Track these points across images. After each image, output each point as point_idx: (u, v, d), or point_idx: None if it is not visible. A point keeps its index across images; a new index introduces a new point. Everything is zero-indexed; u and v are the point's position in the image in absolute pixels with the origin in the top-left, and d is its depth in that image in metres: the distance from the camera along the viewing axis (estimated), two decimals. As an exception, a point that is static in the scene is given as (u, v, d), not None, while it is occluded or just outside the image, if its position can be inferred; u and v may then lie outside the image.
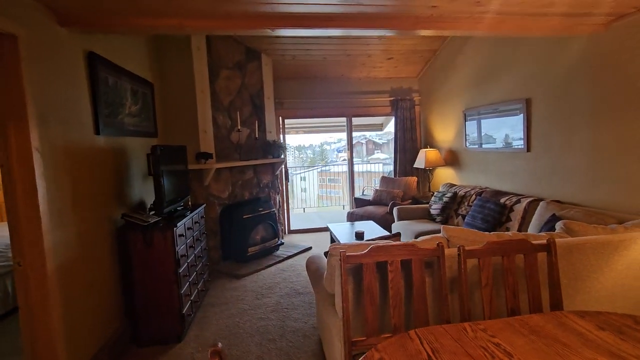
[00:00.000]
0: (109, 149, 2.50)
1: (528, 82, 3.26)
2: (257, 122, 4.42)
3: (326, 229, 5.69)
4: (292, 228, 5.58)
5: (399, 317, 1.55)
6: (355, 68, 5.06)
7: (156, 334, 2.48)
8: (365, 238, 3.41)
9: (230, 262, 4.10)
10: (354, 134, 5.89)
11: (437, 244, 1.60)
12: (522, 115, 3.34)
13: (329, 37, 4.20)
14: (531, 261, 1.58)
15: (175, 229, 2.48)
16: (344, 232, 3.70)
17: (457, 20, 2.30)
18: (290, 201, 5.58)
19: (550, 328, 1.18)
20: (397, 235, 2.12)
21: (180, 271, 2.53)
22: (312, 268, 2.37)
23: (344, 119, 6.51)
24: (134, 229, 2.42)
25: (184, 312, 2.55)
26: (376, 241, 1.93)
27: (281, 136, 5.28)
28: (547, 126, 3.09)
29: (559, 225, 2.14)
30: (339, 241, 3.41)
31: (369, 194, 5.92)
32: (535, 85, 3.19)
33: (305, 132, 8.33)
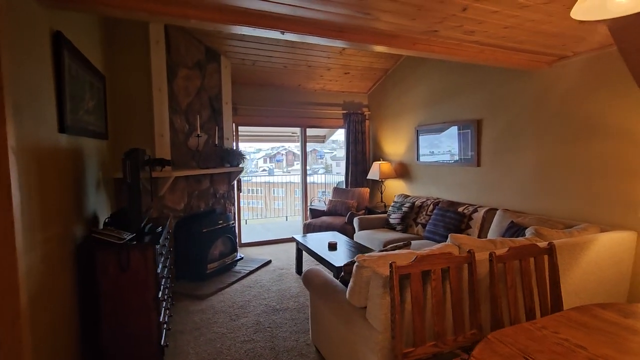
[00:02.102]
0: (70, 151, 2.04)
1: (479, 105, 3.74)
2: (216, 127, 4.12)
3: (278, 241, 5.54)
4: (243, 241, 5.28)
5: (441, 324, 1.60)
6: (313, 79, 5.12)
7: (130, 374, 2.07)
8: (339, 248, 3.42)
9: (186, 281, 3.68)
10: (275, 144, 5.92)
11: (468, 251, 1.71)
12: (473, 134, 3.80)
13: (293, 46, 4.18)
14: (540, 263, 1.80)
15: (156, 246, 2.13)
16: (314, 244, 3.64)
17: (445, 44, 2.53)
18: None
19: (590, 320, 1.36)
20: (408, 245, 2.19)
21: (160, 296, 2.18)
22: (317, 282, 2.28)
23: (292, 128, 6.51)
24: (104, 249, 2.00)
25: (162, 343, 2.19)
26: (397, 251, 1.96)
27: (233, 144, 4.99)
28: (496, 145, 3.58)
29: (529, 230, 2.48)
30: (315, 252, 3.35)
31: (318, 205, 5.97)
32: (485, 108, 3.67)
33: (252, 141, 8.00)
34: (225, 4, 1.85)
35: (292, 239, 5.56)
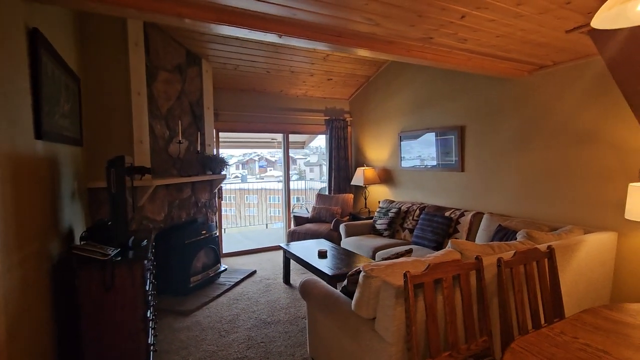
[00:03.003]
0: (47, 159, 1.85)
1: (462, 112, 3.84)
2: (198, 133, 3.95)
3: (261, 250, 5.39)
4: (224, 251, 5.08)
5: (454, 333, 1.57)
6: (296, 85, 5.06)
7: (115, 404, 1.88)
8: (329, 256, 3.35)
9: (168, 296, 3.46)
10: (248, 150, 5.83)
11: (476, 258, 1.71)
12: (457, 140, 3.89)
13: (276, 51, 4.11)
14: (542, 267, 1.83)
15: (145, 262, 1.97)
16: (303, 252, 3.55)
17: (437, 52, 2.57)
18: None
19: (603, 323, 1.39)
20: (410, 252, 2.17)
21: (149, 315, 2.01)
22: (316, 293, 2.20)
23: (270, 134, 6.42)
24: (86, 267, 1.82)
25: (151, 367, 2.02)
26: (400, 259, 1.93)
27: (214, 150, 4.82)
28: (479, 150, 3.68)
29: (521, 234, 2.54)
30: (306, 261, 3.26)
31: (300, 211, 5.88)
32: (468, 115, 3.77)
33: (230, 147, 7.79)
34: (220, 4, 1.76)
35: (275, 248, 5.45)
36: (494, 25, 2.04)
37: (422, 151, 4.40)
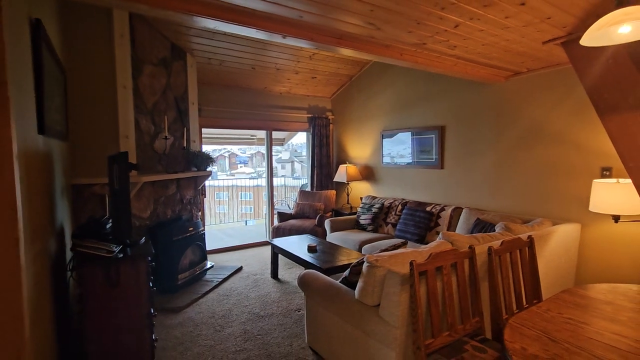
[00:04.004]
0: (46, 155, 1.80)
1: (443, 113, 4.06)
2: (184, 129, 3.89)
3: (244, 247, 5.39)
4: (207, 248, 5.02)
5: (452, 315, 1.73)
6: (280, 82, 5.09)
7: (121, 400, 1.88)
8: (318, 251, 3.45)
9: (156, 293, 3.40)
10: (216, 147, 5.80)
11: (469, 247, 1.88)
12: (437, 139, 4.11)
13: (264, 48, 4.13)
14: (523, 254, 2.04)
15: (149, 258, 1.97)
16: (293, 247, 3.63)
17: (428, 56, 2.73)
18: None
19: (580, 300, 1.59)
20: (405, 244, 2.31)
21: (153, 311, 2.01)
22: (317, 285, 2.29)
23: (250, 131, 6.40)
24: (90, 264, 1.80)
25: (154, 363, 2.03)
26: (399, 250, 2.07)
27: (199, 146, 4.75)
28: (458, 149, 3.92)
29: (499, 226, 2.77)
30: (297, 256, 3.34)
31: (282, 207, 5.94)
32: (448, 115, 4.00)
33: (210, 143, 7.63)
34: (231, 3, 1.79)
35: (257, 244, 5.47)
36: (482, 34, 2.22)
37: (404, 149, 4.60)
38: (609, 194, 2.38)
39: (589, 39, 1.21)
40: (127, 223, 1.94)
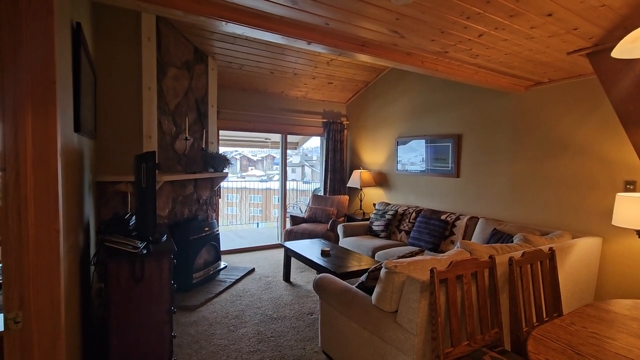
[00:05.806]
0: (79, 152, 1.87)
1: (460, 121, 4.05)
2: (204, 130, 3.97)
3: (257, 249, 5.43)
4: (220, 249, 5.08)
5: (472, 324, 1.72)
6: (297, 87, 5.15)
7: (139, 394, 1.92)
8: (332, 255, 3.46)
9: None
10: (230, 149, 5.87)
11: (490, 257, 1.87)
12: (453, 147, 4.10)
13: (282, 53, 4.20)
14: (545, 266, 2.02)
15: (172, 255, 2.01)
16: (306, 251, 3.64)
17: (449, 65, 2.74)
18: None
19: (604, 315, 1.57)
20: (422, 252, 2.31)
21: (173, 308, 2.05)
22: (333, 289, 2.30)
23: (265, 134, 6.47)
24: (116, 259, 1.85)
25: (172, 359, 2.06)
26: (417, 257, 2.07)
27: (217, 148, 4.83)
28: (475, 158, 3.90)
29: (518, 237, 2.74)
30: (311, 259, 3.36)
31: (294, 211, 5.97)
32: (465, 124, 3.99)
33: (226, 145, 7.75)
34: (261, 11, 1.84)
35: (269, 246, 5.51)
36: (506, 44, 2.22)
37: (419, 157, 4.59)
38: (633, 208, 2.34)
39: (620, 51, 1.22)
40: (152, 220, 1.99)
